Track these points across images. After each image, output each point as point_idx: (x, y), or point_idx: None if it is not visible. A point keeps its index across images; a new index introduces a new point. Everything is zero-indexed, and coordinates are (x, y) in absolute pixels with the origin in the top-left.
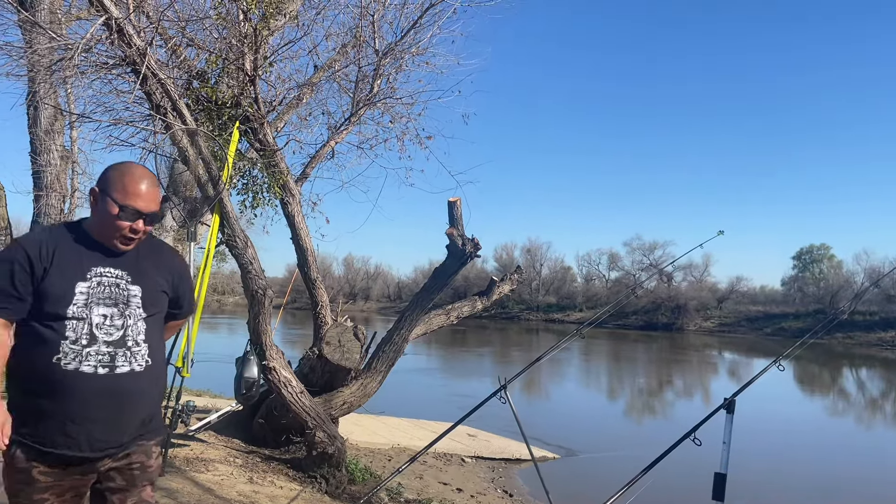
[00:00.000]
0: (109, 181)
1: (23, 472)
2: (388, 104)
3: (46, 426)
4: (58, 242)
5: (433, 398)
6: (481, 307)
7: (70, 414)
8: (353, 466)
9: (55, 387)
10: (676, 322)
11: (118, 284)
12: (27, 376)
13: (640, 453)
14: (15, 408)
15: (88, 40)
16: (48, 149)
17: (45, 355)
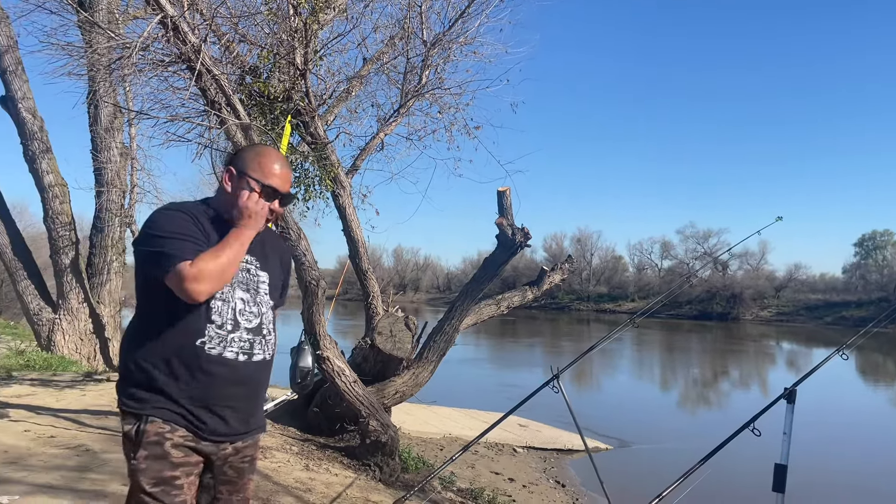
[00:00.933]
0: (246, 161)
1: (156, 445)
2: (437, 95)
3: (184, 405)
4: (203, 218)
5: (483, 388)
6: (532, 297)
7: (209, 398)
8: (406, 455)
9: (198, 370)
10: (732, 311)
11: (249, 270)
12: (170, 356)
13: (694, 445)
14: (152, 383)
15: (145, 38)
16: (108, 146)
17: (191, 338)
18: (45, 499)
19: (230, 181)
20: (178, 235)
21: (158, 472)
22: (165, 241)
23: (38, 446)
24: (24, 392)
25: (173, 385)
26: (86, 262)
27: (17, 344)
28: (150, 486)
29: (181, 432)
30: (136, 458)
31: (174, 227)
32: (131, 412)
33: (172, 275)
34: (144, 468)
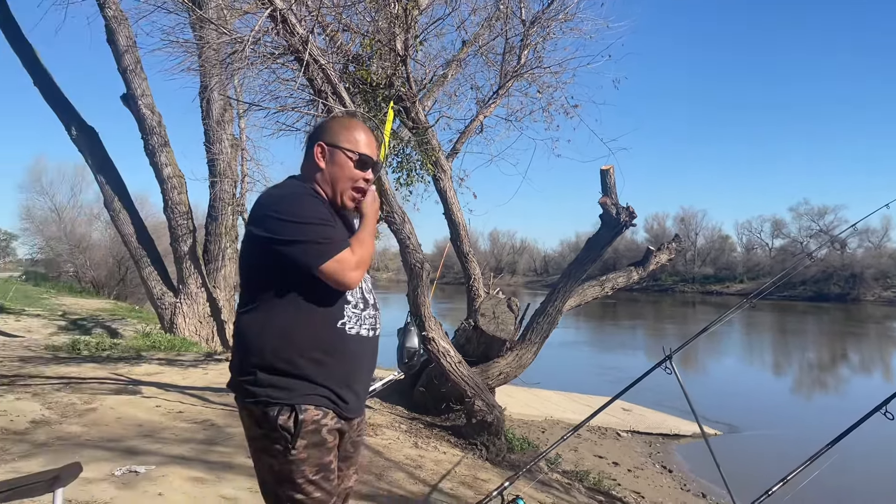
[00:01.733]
0: (335, 133)
1: (314, 433)
2: (536, 74)
3: (331, 388)
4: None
5: (584, 371)
6: (637, 278)
7: (350, 377)
8: (511, 436)
9: (341, 350)
10: (851, 292)
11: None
12: (312, 339)
13: (810, 432)
14: (298, 371)
15: (257, 32)
16: (220, 138)
17: (331, 319)
18: (178, 469)
19: (323, 156)
20: (327, 222)
21: (319, 459)
22: (319, 230)
23: (168, 421)
24: (153, 371)
25: (318, 369)
26: (202, 249)
27: (143, 326)
28: (312, 474)
29: (332, 416)
30: (295, 448)
31: (319, 213)
32: (281, 403)
33: (334, 263)
34: (305, 457)
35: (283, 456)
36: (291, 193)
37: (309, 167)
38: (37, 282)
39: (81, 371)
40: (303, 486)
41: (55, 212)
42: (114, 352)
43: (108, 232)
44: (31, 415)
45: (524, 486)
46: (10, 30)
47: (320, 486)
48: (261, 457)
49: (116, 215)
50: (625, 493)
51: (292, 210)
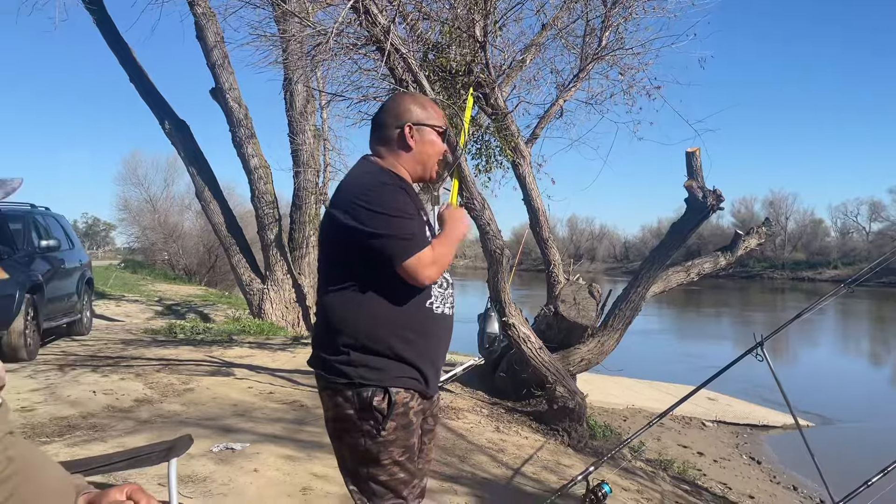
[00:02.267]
0: (416, 111)
1: (403, 415)
2: (617, 56)
3: (420, 368)
4: (407, 186)
5: (666, 359)
6: (724, 264)
7: (436, 354)
8: (593, 423)
9: (429, 330)
10: None
11: (430, 226)
12: (404, 320)
13: None
14: (390, 351)
15: (340, 24)
16: (303, 129)
17: (421, 299)
18: (270, 447)
19: (413, 137)
20: (412, 216)
21: (405, 441)
22: (405, 224)
23: (260, 401)
24: (244, 353)
25: (410, 349)
26: (287, 237)
27: (233, 312)
28: (399, 455)
29: (417, 398)
30: (385, 430)
31: (406, 208)
32: (374, 385)
33: (414, 261)
34: (394, 439)
35: (372, 437)
36: (381, 184)
37: (394, 151)
38: (134, 269)
39: (178, 353)
40: (388, 467)
41: (150, 202)
42: (207, 335)
43: (199, 221)
44: (134, 394)
45: (608, 473)
46: (107, 30)
47: (405, 467)
48: (344, 437)
49: (207, 205)
50: (711, 483)
51: (381, 201)
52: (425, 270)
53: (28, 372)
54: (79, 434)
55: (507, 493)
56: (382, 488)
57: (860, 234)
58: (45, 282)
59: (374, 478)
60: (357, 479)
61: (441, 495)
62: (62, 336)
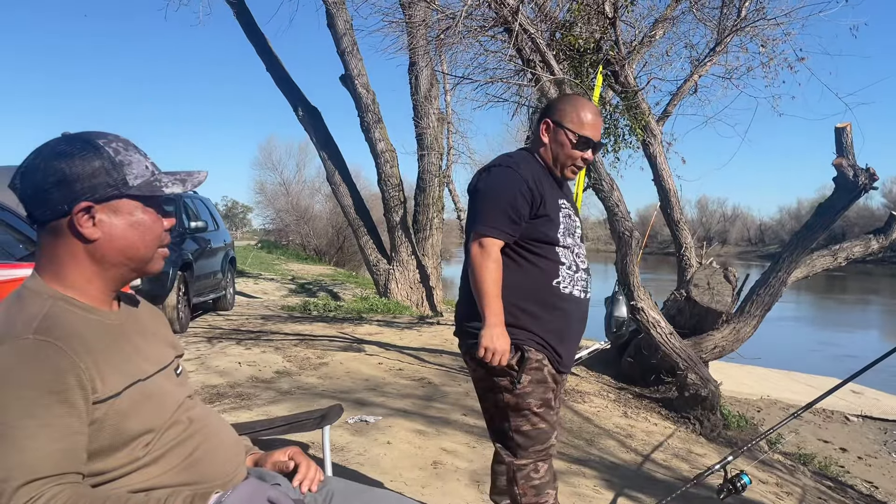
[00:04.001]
0: (564, 113)
1: (538, 371)
2: (758, 28)
3: (548, 341)
4: (538, 171)
5: (805, 349)
6: (877, 248)
7: (564, 333)
8: (727, 412)
9: (554, 308)
10: None
11: (570, 216)
12: (531, 293)
13: None
14: (518, 322)
15: (470, 6)
16: (427, 113)
17: (548, 278)
18: (401, 421)
19: (546, 133)
20: (506, 206)
21: (543, 394)
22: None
23: (390, 377)
24: (373, 331)
25: (535, 322)
26: (412, 219)
27: (360, 291)
28: (537, 406)
29: (549, 365)
30: (520, 383)
31: (506, 194)
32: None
33: (479, 238)
34: (530, 391)
35: (510, 391)
36: (505, 167)
37: (535, 140)
38: (269, 249)
39: (313, 329)
40: (529, 416)
41: (283, 186)
42: (338, 313)
43: (328, 204)
44: (274, 366)
45: (744, 464)
46: (245, 22)
47: (545, 417)
48: (487, 395)
49: (337, 188)
50: (855, 480)
51: (494, 181)
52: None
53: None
54: (227, 402)
55: (636, 479)
56: (526, 439)
57: None
58: (195, 260)
59: (518, 429)
60: (502, 435)
61: (569, 477)
62: (209, 311)
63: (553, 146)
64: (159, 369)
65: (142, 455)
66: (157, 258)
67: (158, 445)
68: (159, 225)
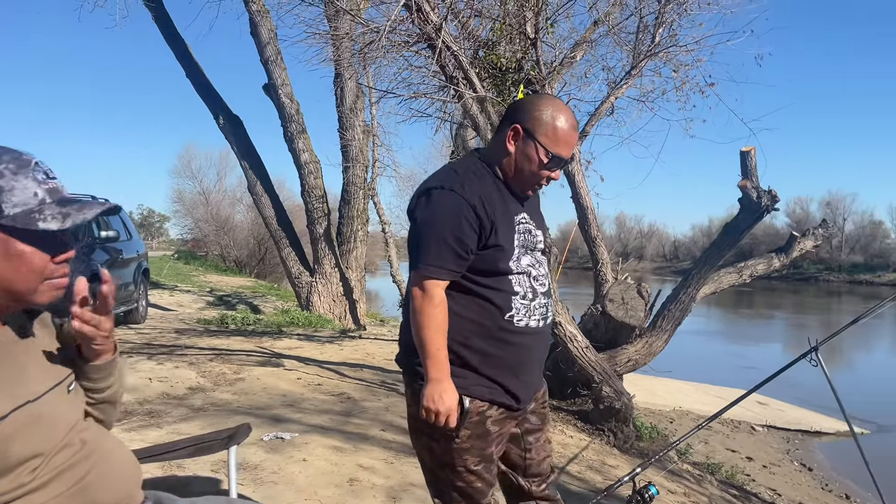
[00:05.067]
0: (540, 123)
1: (479, 424)
2: (671, 53)
3: (497, 380)
4: (487, 189)
5: (714, 362)
6: (778, 266)
7: (520, 367)
8: (640, 424)
9: (508, 342)
10: None
11: (529, 230)
12: (480, 331)
13: None
14: (465, 361)
15: (393, 21)
16: (352, 125)
17: (499, 312)
18: (318, 437)
19: (514, 141)
20: (450, 239)
21: (482, 451)
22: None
23: (308, 392)
24: (293, 345)
25: (486, 360)
26: (335, 231)
27: (282, 304)
28: (474, 464)
29: (496, 408)
30: (459, 437)
31: (450, 225)
32: None
33: (420, 280)
34: (469, 447)
35: (447, 442)
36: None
37: (498, 146)
38: (186, 260)
39: (230, 343)
40: (464, 474)
41: (203, 195)
42: (257, 326)
43: (250, 214)
44: (188, 382)
45: (654, 475)
46: (165, 26)
47: (482, 476)
48: (420, 437)
49: (258, 199)
50: (759, 488)
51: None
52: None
53: None
54: (136, 420)
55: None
56: (458, 495)
57: None
58: None
59: (451, 483)
60: (436, 481)
61: None
62: (119, 324)
63: (519, 159)
64: (50, 388)
65: (28, 481)
66: (44, 291)
67: (47, 470)
68: (41, 259)
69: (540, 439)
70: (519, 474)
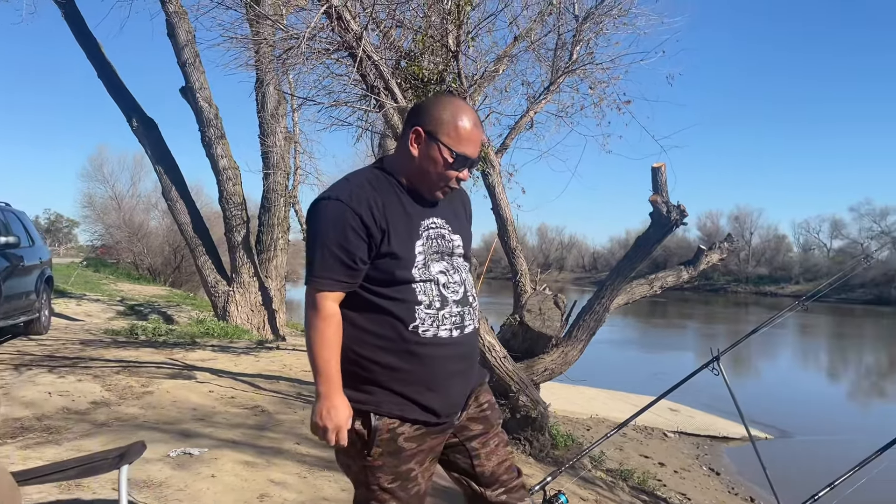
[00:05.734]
0: (441, 123)
1: (390, 442)
2: (588, 70)
3: (409, 396)
4: (383, 196)
5: (630, 370)
6: (687, 277)
7: (432, 382)
8: (556, 432)
9: (415, 356)
10: None
11: (443, 235)
12: (384, 344)
13: (864, 438)
14: (372, 376)
15: (313, 29)
16: (274, 131)
17: (402, 323)
18: (229, 452)
19: (416, 144)
20: (336, 249)
21: (395, 468)
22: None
23: (221, 405)
24: (207, 357)
25: (393, 375)
26: (255, 240)
27: (197, 314)
28: (388, 482)
29: (410, 426)
30: (370, 456)
31: (334, 234)
32: (356, 408)
33: (310, 293)
34: (381, 465)
35: (360, 460)
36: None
37: (401, 151)
38: (96, 268)
39: (139, 355)
40: (377, 492)
41: (115, 200)
42: (169, 337)
43: (165, 221)
44: (91, 396)
45: (567, 482)
46: (75, 23)
47: (395, 494)
48: (338, 455)
49: (174, 205)
50: (670, 493)
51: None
52: (308, 308)
53: None
54: (32, 436)
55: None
56: None
57: (821, 250)
58: (3, 279)
59: (367, 501)
60: (356, 496)
61: None
62: (19, 335)
63: (424, 162)
64: None
65: None
66: None
67: None
68: None
69: (488, 444)
70: (473, 481)
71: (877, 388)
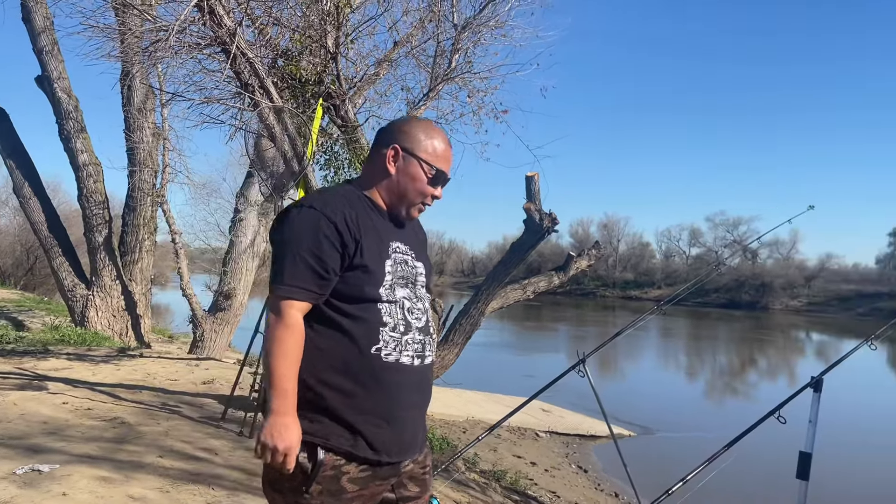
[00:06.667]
0: (418, 141)
1: (333, 480)
2: (466, 79)
3: (360, 429)
4: (357, 210)
5: (506, 373)
6: (558, 283)
7: (389, 412)
8: (431, 436)
9: (374, 381)
10: (761, 301)
11: (406, 261)
12: (340, 367)
13: (719, 433)
14: (322, 403)
15: (182, 22)
16: (141, 126)
17: (365, 344)
18: (84, 468)
19: (394, 162)
20: (308, 256)
21: None
22: (294, 262)
23: (75, 418)
24: (61, 366)
25: (347, 403)
26: (118, 241)
27: (52, 319)
28: None
29: (357, 465)
30: (308, 493)
31: (307, 242)
32: (303, 440)
33: (275, 302)
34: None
35: (293, 496)
36: (311, 208)
37: (374, 171)
38: None
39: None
40: None
41: None
42: (19, 345)
43: (17, 219)
44: None
45: (440, 486)
46: None
47: None
48: (265, 487)
49: (26, 202)
50: (541, 492)
51: (294, 226)
52: (273, 317)
53: None
54: None
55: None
56: None
57: (681, 257)
58: None
59: None
60: None
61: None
62: None
63: (402, 179)
64: None
65: None
66: None
67: None
68: None
69: None
70: None
71: (729, 387)
